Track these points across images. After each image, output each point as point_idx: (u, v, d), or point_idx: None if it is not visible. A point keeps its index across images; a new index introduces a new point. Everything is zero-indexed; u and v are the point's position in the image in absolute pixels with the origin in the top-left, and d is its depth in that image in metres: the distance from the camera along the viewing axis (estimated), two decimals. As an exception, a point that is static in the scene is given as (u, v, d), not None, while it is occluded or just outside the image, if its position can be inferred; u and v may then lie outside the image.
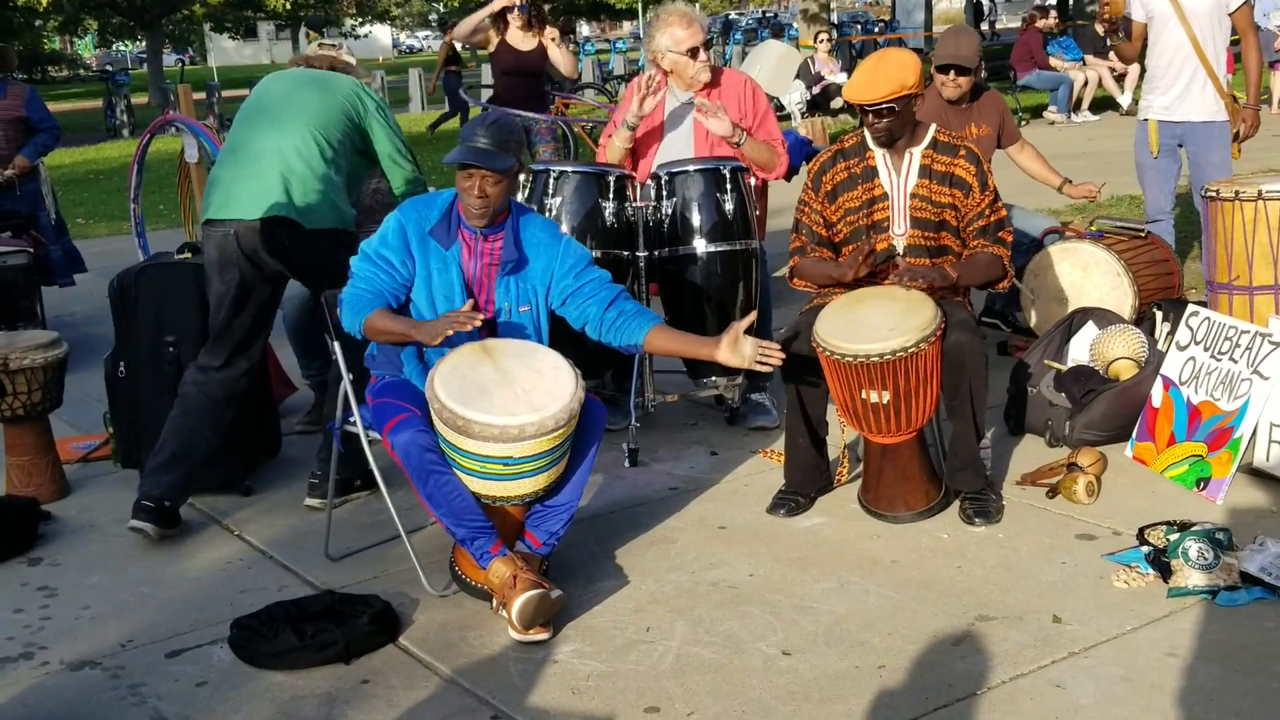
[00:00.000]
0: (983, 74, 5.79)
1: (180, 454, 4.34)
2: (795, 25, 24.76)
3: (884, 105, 4.14)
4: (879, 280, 4.26)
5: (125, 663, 3.47)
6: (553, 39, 7.98)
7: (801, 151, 7.49)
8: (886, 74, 4.14)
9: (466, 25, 8.30)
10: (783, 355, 3.67)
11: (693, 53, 5.12)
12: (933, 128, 4.34)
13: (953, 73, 5.61)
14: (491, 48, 8.12)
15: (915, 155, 4.29)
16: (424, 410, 3.59)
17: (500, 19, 8.04)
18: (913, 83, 4.15)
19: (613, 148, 5.17)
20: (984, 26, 28.87)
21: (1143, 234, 5.81)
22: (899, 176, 4.28)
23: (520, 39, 8.02)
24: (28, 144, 7.48)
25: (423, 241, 3.75)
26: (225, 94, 22.63)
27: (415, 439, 3.51)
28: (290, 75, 4.63)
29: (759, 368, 3.68)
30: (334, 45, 4.77)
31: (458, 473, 3.53)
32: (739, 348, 3.65)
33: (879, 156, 4.31)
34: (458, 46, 15.54)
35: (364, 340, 3.77)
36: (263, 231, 4.31)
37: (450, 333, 3.50)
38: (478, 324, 3.54)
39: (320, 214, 4.38)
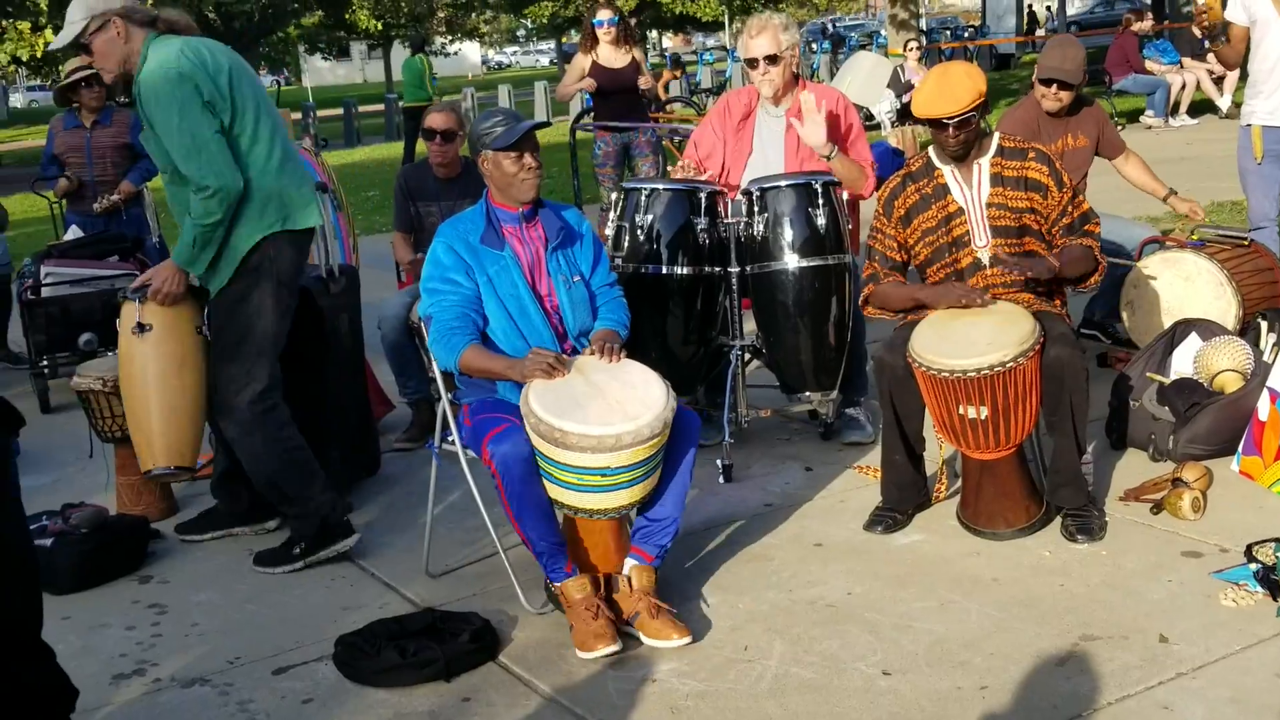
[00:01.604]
0: (1084, 87, 5.69)
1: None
2: (884, 32, 24.61)
3: (967, 115, 4.12)
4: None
5: (234, 679, 3.54)
6: (639, 55, 8.16)
7: (893, 163, 7.46)
8: (961, 85, 4.12)
9: (566, 91, 8.76)
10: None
11: (751, 63, 5.11)
12: (997, 135, 4.32)
13: (1055, 86, 5.53)
14: (586, 72, 8.26)
15: (984, 165, 4.26)
16: (523, 423, 3.64)
17: (590, 37, 8.17)
18: (984, 89, 4.17)
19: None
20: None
21: (1246, 242, 5.68)
22: (971, 190, 4.25)
23: (612, 56, 8.14)
24: (132, 169, 7.66)
25: (473, 252, 3.84)
26: (320, 114, 23.08)
27: (516, 449, 3.55)
28: (230, 57, 4.24)
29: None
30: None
31: (554, 486, 3.57)
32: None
33: (947, 173, 4.28)
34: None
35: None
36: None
37: (539, 374, 3.60)
38: (563, 375, 3.62)
39: None
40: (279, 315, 4.28)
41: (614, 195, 5.08)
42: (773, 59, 5.07)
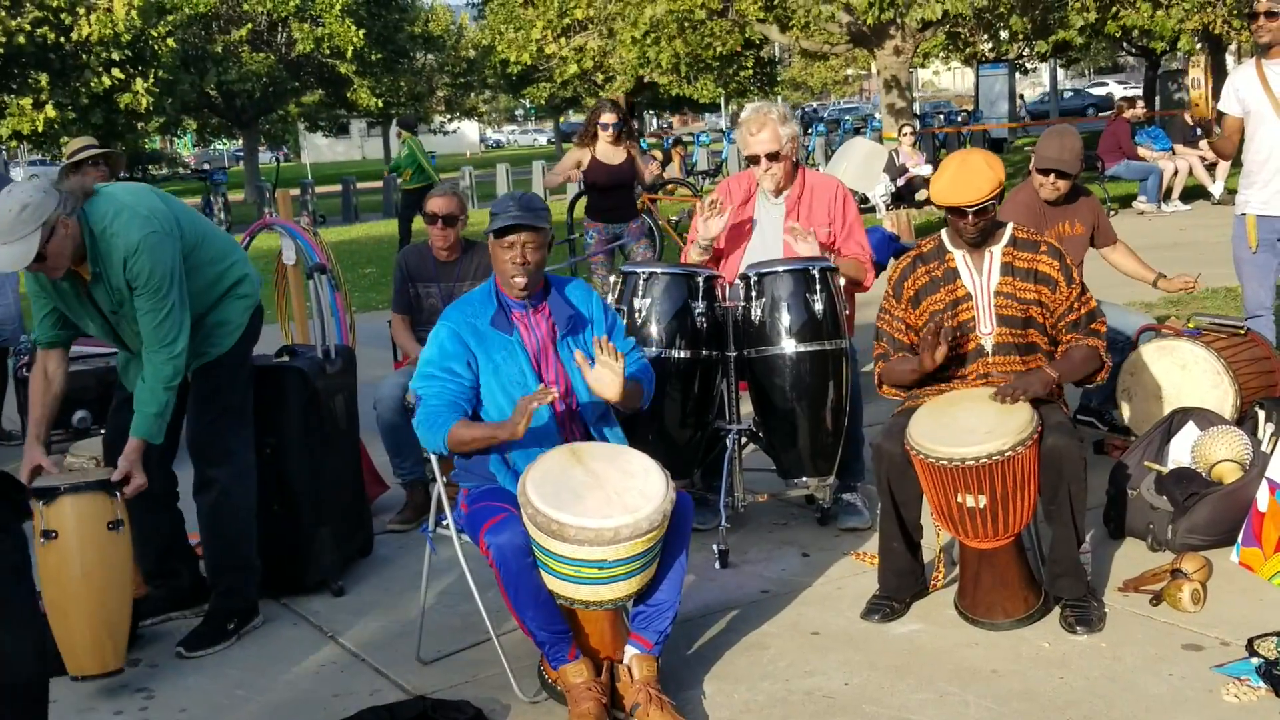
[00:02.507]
0: (1081, 176, 5.74)
1: None
2: (878, 116, 24.89)
3: (986, 204, 4.14)
4: (967, 380, 4.24)
5: (221, 768, 3.49)
6: (634, 152, 8.57)
7: (889, 248, 7.50)
8: (981, 175, 4.14)
9: (555, 180, 9.29)
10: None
11: (753, 160, 5.15)
12: (1010, 225, 4.34)
13: (1053, 176, 5.58)
14: (584, 166, 8.53)
15: (996, 254, 4.28)
16: (520, 512, 3.60)
17: (590, 135, 8.49)
18: (1003, 178, 4.20)
19: (692, 259, 5.21)
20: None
21: (1242, 331, 5.69)
22: (981, 276, 4.27)
23: (610, 153, 8.47)
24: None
25: (480, 337, 3.82)
26: (319, 190, 23.24)
27: (513, 540, 3.53)
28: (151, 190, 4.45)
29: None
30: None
31: (550, 577, 3.53)
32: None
33: (959, 258, 4.31)
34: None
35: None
36: None
37: (527, 417, 3.54)
38: (553, 397, 3.60)
39: None
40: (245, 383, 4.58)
41: (612, 278, 5.11)
42: (774, 156, 5.12)
